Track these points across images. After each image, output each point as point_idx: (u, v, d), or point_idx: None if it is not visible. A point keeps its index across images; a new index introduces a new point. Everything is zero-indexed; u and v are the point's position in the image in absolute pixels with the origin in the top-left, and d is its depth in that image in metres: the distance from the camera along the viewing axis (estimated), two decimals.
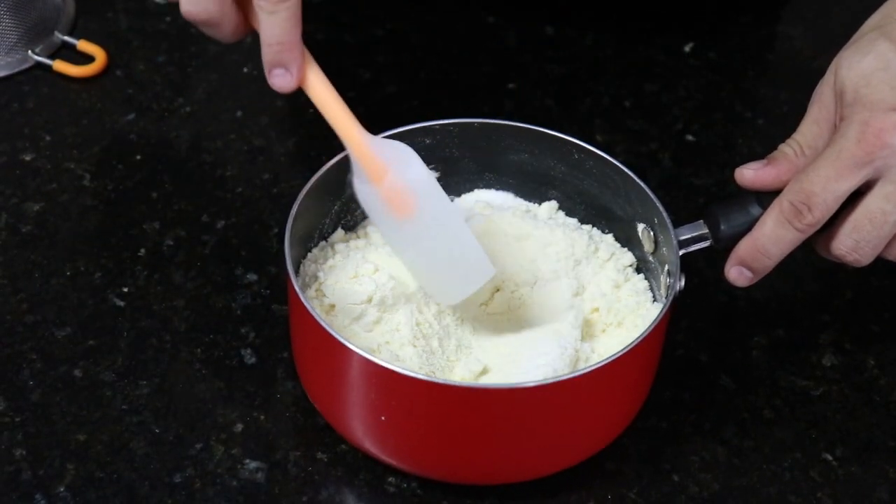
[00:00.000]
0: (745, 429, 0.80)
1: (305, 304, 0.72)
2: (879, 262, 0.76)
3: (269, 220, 0.91)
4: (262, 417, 0.79)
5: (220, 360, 0.83)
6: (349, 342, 0.70)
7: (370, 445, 0.75)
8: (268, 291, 0.87)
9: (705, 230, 0.76)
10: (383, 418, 0.73)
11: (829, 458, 0.79)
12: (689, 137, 1.02)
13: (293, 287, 0.73)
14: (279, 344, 0.83)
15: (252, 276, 0.88)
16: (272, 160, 0.96)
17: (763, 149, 1.01)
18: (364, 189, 0.73)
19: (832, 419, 0.82)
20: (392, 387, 0.71)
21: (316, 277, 0.79)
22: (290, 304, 0.76)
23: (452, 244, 0.74)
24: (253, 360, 0.83)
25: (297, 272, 0.76)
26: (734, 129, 1.02)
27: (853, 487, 0.78)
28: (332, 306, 0.77)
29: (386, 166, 0.72)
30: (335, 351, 0.71)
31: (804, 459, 0.79)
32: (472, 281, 0.75)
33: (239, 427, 0.79)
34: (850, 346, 0.86)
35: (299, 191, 0.77)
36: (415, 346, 0.76)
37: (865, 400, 0.83)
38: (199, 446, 0.78)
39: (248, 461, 0.77)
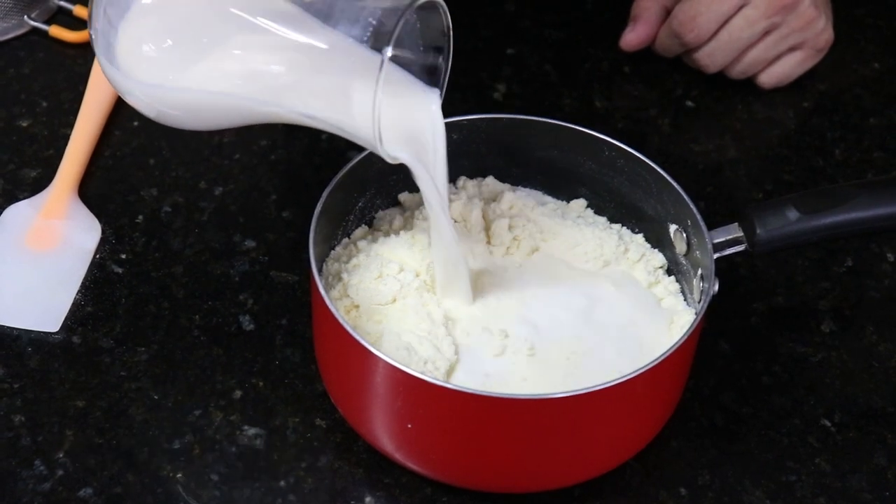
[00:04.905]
0: (743, 395, 0.80)
1: (330, 307, 0.69)
2: (878, 226, 0.76)
3: (267, 187, 0.91)
4: (261, 384, 0.79)
5: (219, 327, 0.82)
6: (377, 349, 0.68)
7: (394, 451, 0.73)
8: (266, 258, 0.87)
9: (740, 233, 0.75)
10: (410, 426, 0.71)
11: (828, 424, 0.79)
12: (689, 103, 1.01)
13: (318, 288, 0.71)
14: (278, 311, 0.83)
15: (250, 243, 0.88)
16: (270, 127, 0.96)
17: (763, 113, 1.01)
18: None
19: (831, 385, 0.82)
20: (420, 395, 0.69)
21: (340, 277, 0.77)
22: (313, 304, 0.74)
23: None
24: (251, 326, 0.83)
25: (320, 271, 0.73)
26: (734, 94, 1.01)
27: (851, 453, 0.78)
28: (356, 306, 0.76)
29: None
30: (361, 357, 0.69)
31: (802, 425, 0.79)
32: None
33: (238, 393, 0.79)
34: (850, 312, 0.86)
35: (296, 157, 0.77)
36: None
37: (864, 366, 0.83)
38: (197, 413, 0.78)
39: (246, 427, 0.77)
